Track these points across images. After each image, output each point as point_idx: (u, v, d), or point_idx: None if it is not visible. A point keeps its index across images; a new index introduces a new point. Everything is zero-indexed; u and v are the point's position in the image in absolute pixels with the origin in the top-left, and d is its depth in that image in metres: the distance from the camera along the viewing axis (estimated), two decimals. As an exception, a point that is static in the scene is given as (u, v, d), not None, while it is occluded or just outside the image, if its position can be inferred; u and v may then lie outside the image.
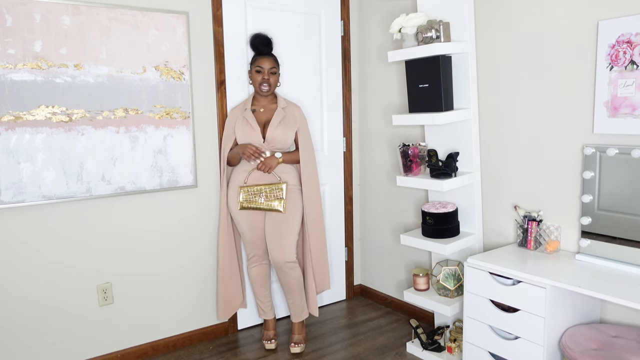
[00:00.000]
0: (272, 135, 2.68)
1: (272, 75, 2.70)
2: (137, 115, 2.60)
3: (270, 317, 2.95)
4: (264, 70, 2.68)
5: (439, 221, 2.56)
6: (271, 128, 2.69)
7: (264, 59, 2.69)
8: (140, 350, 2.76)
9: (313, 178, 2.82)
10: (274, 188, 2.67)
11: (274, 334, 2.92)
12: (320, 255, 2.90)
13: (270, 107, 2.77)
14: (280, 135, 2.69)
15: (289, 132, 2.73)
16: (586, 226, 2.17)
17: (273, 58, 2.73)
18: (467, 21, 2.49)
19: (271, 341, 2.87)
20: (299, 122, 2.78)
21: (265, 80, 2.68)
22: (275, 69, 2.72)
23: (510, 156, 2.52)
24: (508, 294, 2.11)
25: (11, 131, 2.29)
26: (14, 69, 2.27)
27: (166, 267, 2.81)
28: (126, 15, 2.52)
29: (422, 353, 2.69)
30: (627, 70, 2.00)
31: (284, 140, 2.71)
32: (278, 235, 2.70)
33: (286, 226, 2.71)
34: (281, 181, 2.70)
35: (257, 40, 2.73)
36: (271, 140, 2.69)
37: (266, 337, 2.91)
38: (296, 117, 2.77)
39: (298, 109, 2.82)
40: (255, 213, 2.76)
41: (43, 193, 2.39)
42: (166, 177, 2.72)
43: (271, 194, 2.67)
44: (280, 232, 2.71)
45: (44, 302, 2.47)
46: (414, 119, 2.53)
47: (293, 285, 2.76)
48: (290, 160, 2.76)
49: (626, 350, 1.82)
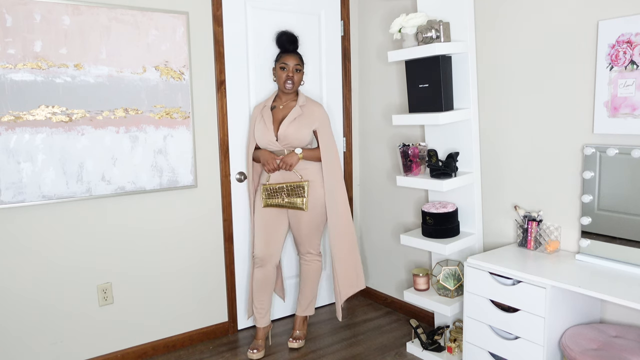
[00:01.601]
0: (284, 134, 2.67)
1: (296, 72, 2.71)
2: (137, 115, 2.60)
3: (261, 325, 2.81)
4: (288, 67, 2.68)
5: (439, 221, 2.56)
6: (283, 126, 2.67)
7: (289, 56, 2.70)
8: (140, 350, 2.76)
9: (336, 176, 2.78)
10: (295, 186, 2.67)
11: (261, 344, 2.79)
12: (348, 255, 2.83)
13: (290, 105, 2.76)
14: (293, 133, 2.67)
15: (303, 130, 2.69)
16: (586, 226, 2.17)
17: (298, 56, 2.73)
18: (467, 21, 2.49)
19: (255, 351, 2.73)
20: (318, 120, 2.73)
21: (290, 77, 2.69)
22: (300, 67, 2.72)
23: (510, 156, 2.52)
24: (508, 294, 2.10)
25: (11, 131, 2.29)
26: (14, 69, 2.27)
27: (166, 267, 2.81)
28: (126, 15, 2.52)
29: (422, 353, 2.69)
30: (627, 70, 2.00)
31: (298, 139, 2.68)
32: (302, 230, 2.78)
33: (310, 221, 2.76)
34: (302, 180, 2.70)
35: (283, 37, 2.75)
36: (283, 138, 2.67)
37: (253, 345, 2.77)
38: (315, 115, 2.73)
39: (319, 107, 2.78)
40: (273, 213, 2.78)
41: (43, 193, 2.39)
42: (166, 177, 2.73)
43: (292, 192, 2.68)
44: (305, 227, 2.77)
45: (44, 302, 2.47)
46: (414, 119, 2.53)
47: (308, 275, 2.85)
48: (311, 157, 2.73)
49: (626, 350, 1.82)
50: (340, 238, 2.80)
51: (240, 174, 2.98)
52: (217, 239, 2.97)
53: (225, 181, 2.94)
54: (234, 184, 2.98)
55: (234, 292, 3.04)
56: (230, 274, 3.01)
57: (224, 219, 2.96)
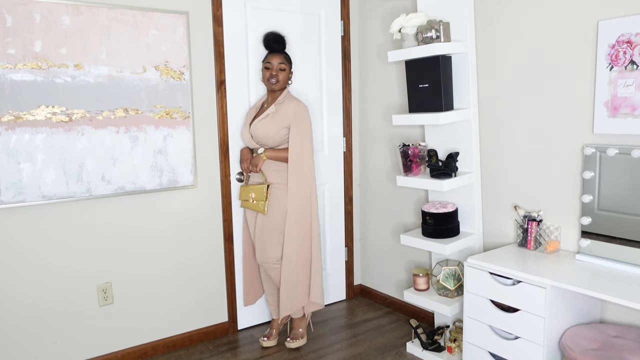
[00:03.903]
0: (252, 131, 2.73)
1: (281, 71, 2.71)
2: (137, 115, 2.60)
3: (273, 317, 2.97)
4: (272, 65, 2.70)
5: (439, 221, 2.56)
6: (253, 124, 2.74)
7: (274, 55, 2.72)
8: (140, 350, 2.76)
9: (300, 178, 2.66)
10: (259, 189, 2.70)
11: (270, 332, 2.93)
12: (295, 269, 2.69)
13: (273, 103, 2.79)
14: (261, 130, 2.69)
15: (273, 128, 2.67)
16: (586, 226, 2.17)
17: (284, 55, 2.74)
18: (467, 21, 2.49)
19: (265, 339, 2.88)
20: (288, 118, 2.66)
21: (274, 75, 2.70)
22: (285, 65, 2.72)
23: (510, 156, 2.52)
24: (508, 294, 2.10)
25: (11, 131, 2.29)
26: (14, 69, 2.27)
27: (166, 267, 2.81)
28: (126, 15, 2.52)
29: (422, 353, 2.69)
30: (627, 70, 2.00)
31: (267, 136, 2.68)
32: (260, 234, 2.76)
33: (268, 226, 2.72)
34: (265, 182, 2.71)
35: (269, 37, 2.77)
36: (254, 135, 2.73)
37: (265, 334, 2.94)
38: (288, 114, 2.67)
39: (295, 105, 2.69)
40: (251, 214, 2.85)
41: (43, 193, 2.39)
42: (166, 177, 2.72)
43: (257, 193, 2.70)
44: (262, 231, 2.74)
45: (44, 302, 2.47)
46: (414, 119, 2.53)
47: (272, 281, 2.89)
48: (275, 157, 2.69)
49: (626, 350, 1.82)
50: (290, 248, 2.67)
51: (240, 174, 2.98)
52: (217, 239, 2.97)
53: (225, 181, 2.94)
54: (234, 184, 2.98)
55: (234, 292, 3.04)
56: (230, 274, 3.01)
57: (224, 219, 2.96)
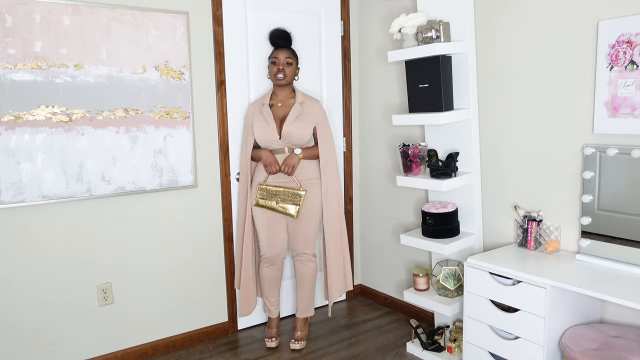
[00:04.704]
0: (287, 132, 2.67)
1: (287, 66, 2.72)
2: (137, 115, 2.60)
3: (274, 316, 2.96)
4: (279, 60, 2.71)
5: (439, 221, 2.56)
6: (287, 124, 2.68)
7: (280, 51, 2.73)
8: (140, 350, 2.76)
9: (333, 175, 2.79)
10: (291, 193, 2.67)
11: (276, 332, 2.93)
12: (339, 256, 2.85)
13: (288, 102, 2.77)
14: (297, 131, 2.68)
15: (306, 128, 2.70)
16: (586, 226, 2.17)
17: (290, 50, 2.75)
18: (467, 21, 2.49)
19: (272, 339, 2.87)
20: (317, 117, 2.75)
21: (281, 70, 2.70)
22: (291, 60, 2.73)
23: (510, 156, 2.52)
24: (508, 294, 2.10)
25: (11, 131, 2.29)
26: (14, 69, 2.27)
27: (166, 267, 2.81)
28: (126, 15, 2.52)
29: (422, 353, 2.69)
30: (627, 70, 2.00)
31: (301, 137, 2.70)
32: (297, 229, 2.78)
33: (305, 222, 2.75)
34: (301, 188, 2.70)
35: (274, 33, 2.79)
36: (287, 136, 2.68)
37: (268, 335, 2.91)
38: (314, 112, 2.75)
39: (317, 103, 2.79)
40: (272, 213, 2.78)
41: (43, 193, 2.39)
42: (166, 177, 2.72)
43: (287, 198, 2.67)
44: (300, 227, 2.77)
45: (44, 302, 2.47)
46: (414, 119, 2.53)
47: (305, 277, 2.85)
48: (310, 156, 2.75)
49: (626, 350, 1.82)
50: (334, 239, 2.81)
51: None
52: (217, 239, 2.97)
53: (225, 181, 2.94)
54: (234, 184, 2.98)
55: (234, 292, 3.04)
56: (230, 274, 3.01)
57: (224, 219, 2.96)
